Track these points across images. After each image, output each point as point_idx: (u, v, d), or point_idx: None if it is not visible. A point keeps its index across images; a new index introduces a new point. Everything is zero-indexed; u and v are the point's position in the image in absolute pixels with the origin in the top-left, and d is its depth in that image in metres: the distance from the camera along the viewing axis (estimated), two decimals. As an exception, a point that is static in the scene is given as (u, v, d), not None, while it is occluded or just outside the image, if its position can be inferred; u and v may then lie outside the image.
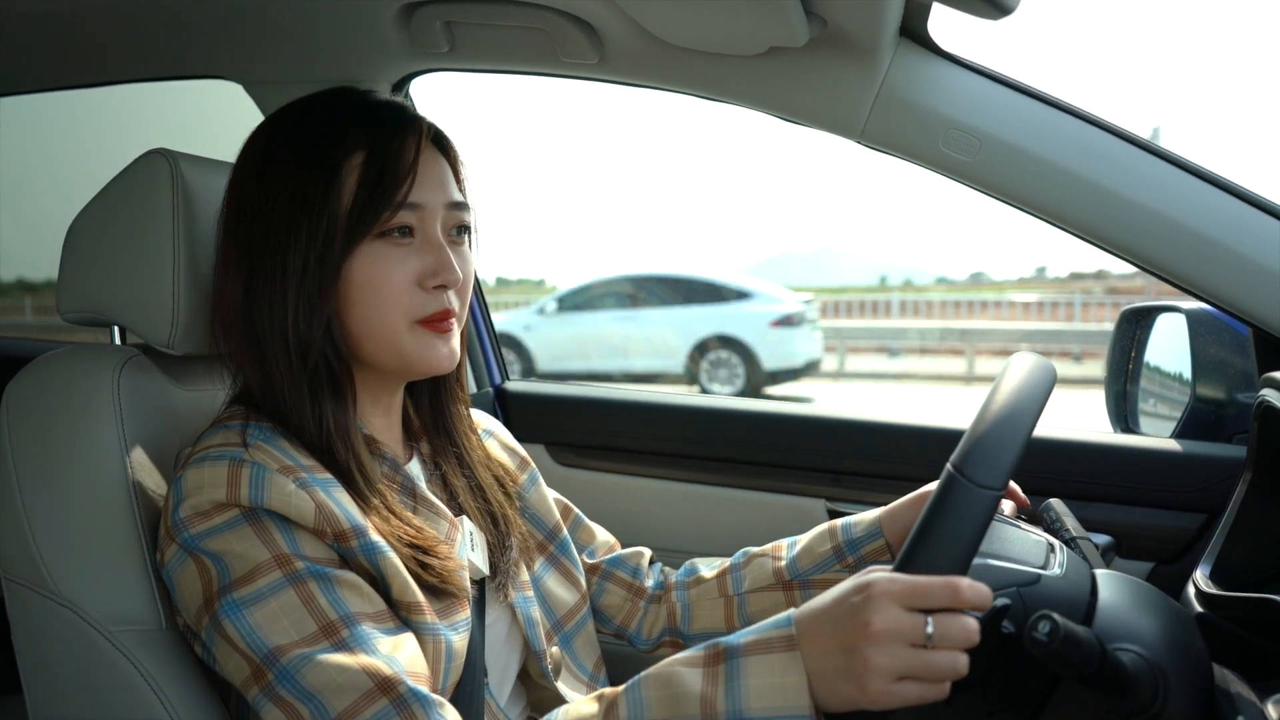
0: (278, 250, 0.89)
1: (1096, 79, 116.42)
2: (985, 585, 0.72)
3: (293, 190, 0.89)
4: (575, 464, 1.68)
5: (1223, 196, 1.14)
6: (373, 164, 0.90)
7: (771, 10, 1.04)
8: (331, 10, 1.30)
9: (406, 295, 0.91)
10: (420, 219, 0.92)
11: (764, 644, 0.75)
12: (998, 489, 0.75)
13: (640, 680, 0.78)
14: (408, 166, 0.91)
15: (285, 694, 0.79)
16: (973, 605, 0.70)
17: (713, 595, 1.17)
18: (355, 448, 0.91)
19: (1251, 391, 1.24)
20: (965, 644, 0.70)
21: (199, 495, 0.84)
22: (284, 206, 0.89)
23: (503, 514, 1.04)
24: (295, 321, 0.89)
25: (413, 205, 0.91)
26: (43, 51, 1.49)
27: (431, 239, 0.93)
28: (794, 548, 1.15)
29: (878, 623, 0.70)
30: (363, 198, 0.89)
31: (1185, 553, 1.32)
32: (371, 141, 0.91)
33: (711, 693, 0.74)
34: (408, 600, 0.86)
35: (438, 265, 0.92)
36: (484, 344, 1.78)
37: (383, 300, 0.91)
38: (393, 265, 0.91)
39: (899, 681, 0.70)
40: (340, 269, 0.90)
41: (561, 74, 1.36)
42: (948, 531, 0.74)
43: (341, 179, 0.90)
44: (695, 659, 0.77)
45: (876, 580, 0.72)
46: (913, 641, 0.70)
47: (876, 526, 1.10)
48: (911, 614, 0.70)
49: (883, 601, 0.71)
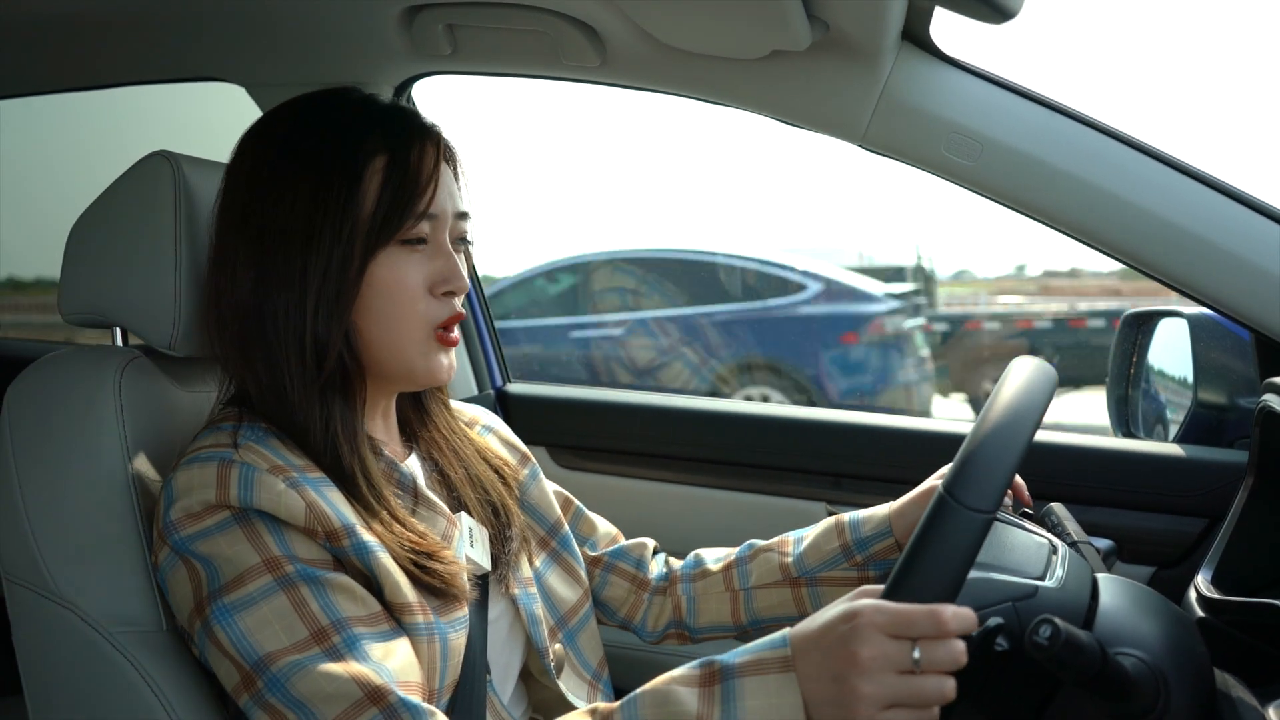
0: (295, 252, 0.89)
1: (1099, 82, 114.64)
2: (970, 610, 0.72)
3: (311, 192, 0.89)
4: (577, 466, 1.69)
5: (1224, 201, 1.14)
6: (395, 170, 0.90)
7: (773, 14, 1.04)
8: (334, 13, 1.30)
9: (421, 301, 0.92)
10: (434, 227, 0.93)
11: (759, 664, 0.75)
12: (990, 511, 0.75)
13: (636, 697, 0.78)
14: (429, 175, 0.92)
15: (275, 702, 0.79)
16: (958, 632, 0.71)
17: (718, 589, 1.16)
18: (361, 451, 0.91)
19: (1253, 396, 1.24)
20: (952, 667, 0.71)
21: (189, 496, 0.84)
22: (303, 208, 0.89)
23: (502, 504, 1.04)
24: (314, 325, 0.89)
25: (432, 214, 0.92)
26: (44, 54, 1.49)
27: (441, 247, 0.94)
28: (800, 544, 1.14)
29: (865, 653, 0.70)
30: (386, 204, 0.90)
31: (1187, 557, 1.32)
32: (392, 147, 0.91)
33: (708, 713, 0.74)
34: (400, 601, 0.86)
35: (448, 272, 0.93)
36: (485, 345, 1.78)
37: (400, 306, 0.91)
38: (409, 271, 0.91)
39: (887, 710, 0.70)
40: (363, 273, 0.90)
41: (563, 77, 1.37)
42: (937, 557, 0.74)
43: (364, 183, 0.90)
44: (691, 678, 0.77)
45: (863, 609, 0.72)
46: (900, 669, 0.70)
47: (886, 525, 1.10)
48: (898, 642, 0.71)
49: (868, 631, 0.71)
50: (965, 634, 0.71)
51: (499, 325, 1.82)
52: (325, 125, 0.93)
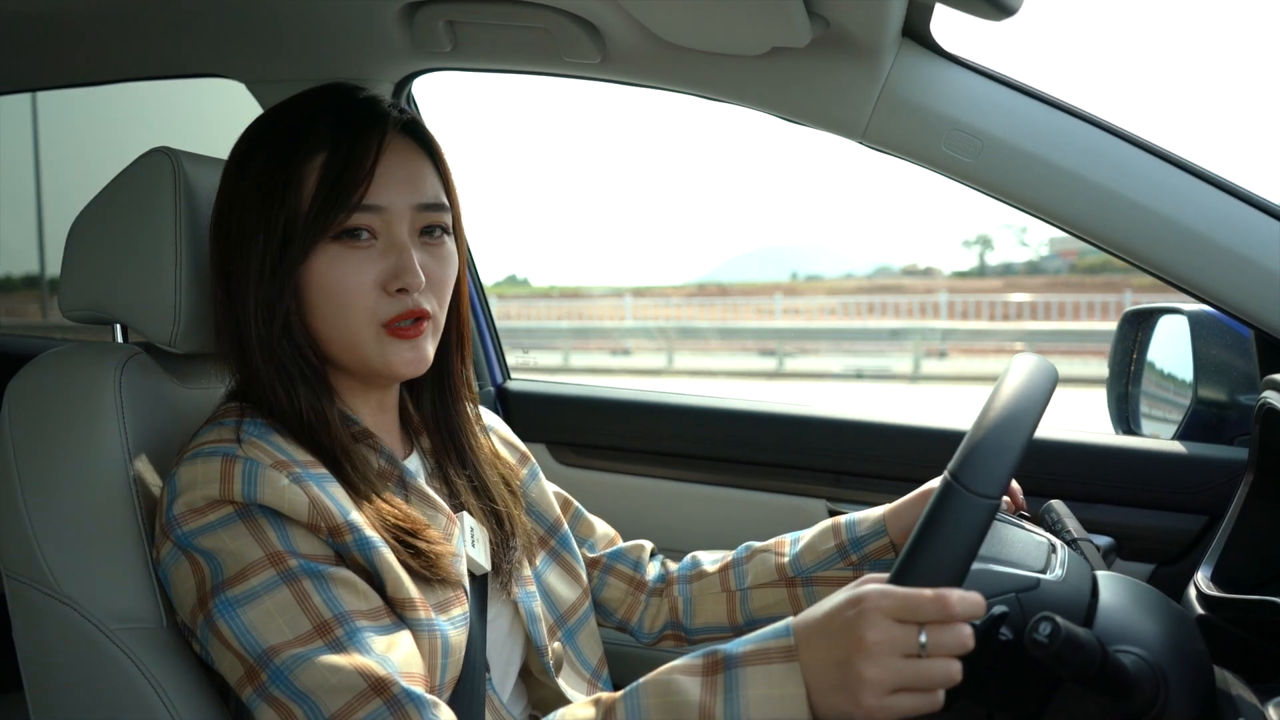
0: (243, 252, 0.90)
1: (1099, 79, 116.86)
2: (978, 594, 0.71)
3: (257, 192, 0.90)
4: (576, 463, 1.69)
5: (1224, 198, 1.14)
6: (332, 165, 0.89)
7: (774, 10, 1.04)
8: (334, 9, 1.30)
9: (370, 298, 0.90)
10: (384, 221, 0.91)
11: (763, 654, 0.75)
12: (995, 497, 0.75)
13: (639, 687, 0.78)
14: (367, 168, 0.89)
15: (279, 694, 0.79)
16: (964, 617, 0.70)
17: (715, 590, 1.17)
18: (339, 437, 0.91)
19: (1253, 393, 1.24)
20: (959, 652, 0.70)
21: (192, 491, 0.84)
22: (251, 208, 0.90)
23: (508, 513, 1.04)
24: (256, 323, 0.90)
25: (372, 207, 0.89)
26: (44, 50, 1.49)
27: (395, 241, 0.91)
28: (797, 544, 1.15)
29: (871, 637, 0.70)
30: (320, 199, 0.88)
31: (1186, 554, 1.32)
32: (335, 142, 0.90)
33: (710, 702, 0.74)
34: (402, 597, 0.86)
35: (399, 268, 0.90)
36: (485, 342, 1.78)
37: (342, 304, 0.90)
38: (350, 268, 0.89)
39: (893, 694, 0.70)
40: (295, 272, 0.89)
41: (564, 74, 1.36)
42: (943, 541, 0.74)
43: (301, 180, 0.89)
44: (694, 667, 0.77)
45: (869, 594, 0.72)
46: (906, 653, 0.70)
47: (881, 525, 1.10)
48: (904, 626, 0.70)
49: (875, 615, 0.71)
50: (973, 619, 0.71)
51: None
52: (281, 124, 0.92)
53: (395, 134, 0.93)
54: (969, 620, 0.71)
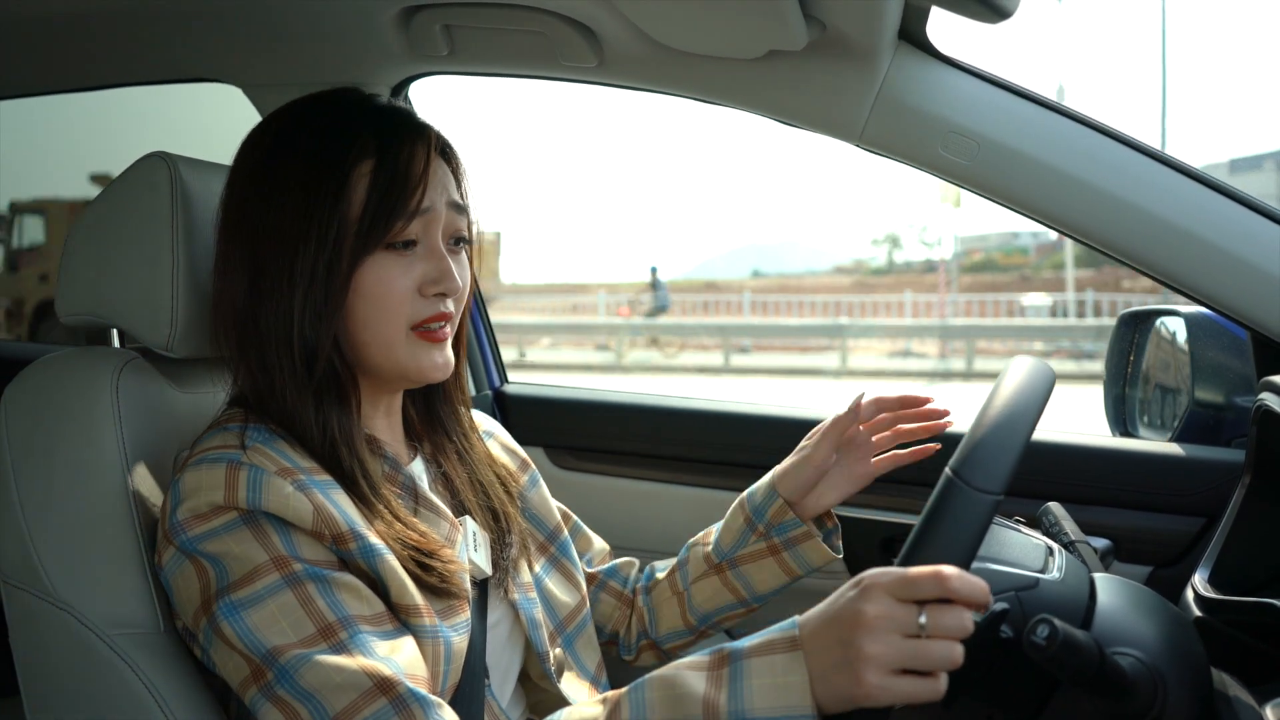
0: (285, 255, 0.89)
1: (1095, 81, 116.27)
2: (982, 580, 0.71)
3: (301, 194, 0.89)
4: (574, 467, 1.68)
5: (1221, 200, 1.14)
6: (383, 173, 0.90)
7: (770, 14, 1.04)
8: (330, 13, 1.30)
9: (409, 303, 0.92)
10: (426, 228, 0.92)
11: (768, 646, 0.75)
12: (996, 493, 0.75)
13: (645, 682, 0.78)
14: (418, 178, 0.91)
15: (283, 694, 0.79)
16: (962, 594, 0.70)
17: (667, 594, 1.20)
18: (359, 453, 0.91)
19: (1250, 395, 1.24)
20: (959, 634, 0.70)
21: (197, 497, 0.84)
22: (292, 210, 0.89)
23: (504, 510, 1.05)
24: (302, 328, 0.89)
25: (423, 212, 0.91)
26: (41, 55, 1.49)
27: (434, 247, 0.93)
28: (717, 531, 1.19)
29: (870, 610, 0.70)
30: (373, 208, 0.89)
31: (1184, 557, 1.32)
32: (381, 149, 0.90)
33: (714, 694, 0.74)
34: (405, 603, 0.86)
35: (439, 273, 0.92)
36: (483, 347, 1.78)
37: (385, 308, 0.91)
38: (396, 274, 0.91)
39: (895, 675, 0.70)
40: (350, 278, 0.90)
41: (561, 77, 1.37)
42: (945, 536, 0.74)
43: (351, 186, 0.89)
44: (700, 663, 0.77)
45: (868, 575, 0.73)
46: (906, 631, 0.70)
47: (771, 488, 1.14)
48: (904, 605, 0.71)
49: (874, 591, 0.71)
50: (973, 602, 0.71)
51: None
52: (318, 127, 0.92)
53: (435, 145, 0.95)
54: (969, 602, 0.70)
